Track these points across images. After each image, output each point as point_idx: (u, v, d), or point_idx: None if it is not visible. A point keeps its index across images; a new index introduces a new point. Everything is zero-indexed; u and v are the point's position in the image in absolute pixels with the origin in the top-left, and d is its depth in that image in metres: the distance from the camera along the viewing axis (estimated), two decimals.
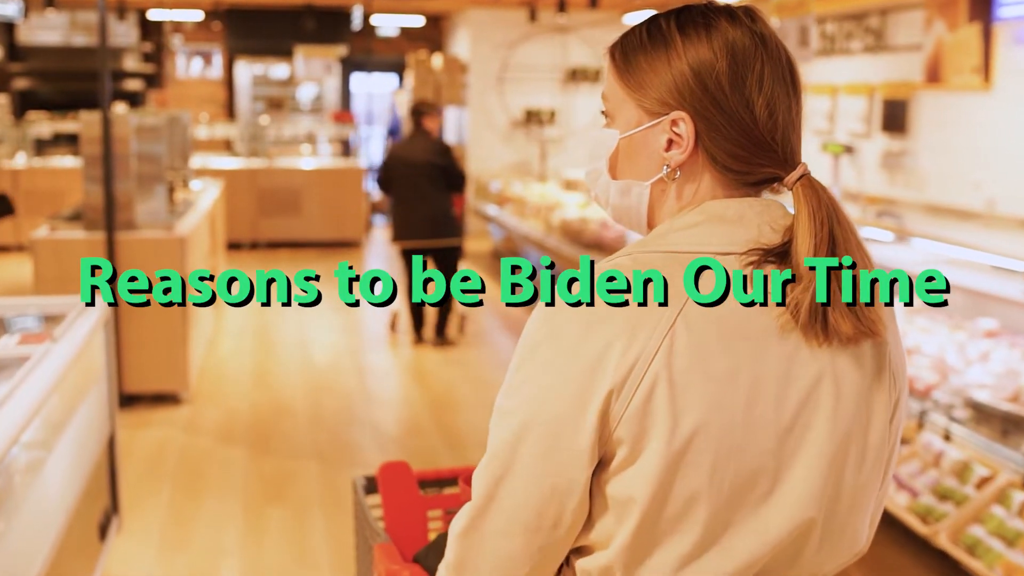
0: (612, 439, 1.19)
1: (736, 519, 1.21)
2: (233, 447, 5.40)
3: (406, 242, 7.48)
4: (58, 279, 5.79)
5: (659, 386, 1.17)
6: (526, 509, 1.23)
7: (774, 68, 1.27)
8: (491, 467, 1.25)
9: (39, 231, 5.98)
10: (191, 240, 6.15)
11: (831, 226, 1.23)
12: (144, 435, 5.53)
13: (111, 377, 3.68)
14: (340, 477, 4.99)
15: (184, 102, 14.58)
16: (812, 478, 1.23)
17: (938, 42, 7.83)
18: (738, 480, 1.20)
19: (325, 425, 5.77)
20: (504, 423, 1.25)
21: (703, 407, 1.18)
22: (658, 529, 1.20)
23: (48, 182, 11.52)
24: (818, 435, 1.23)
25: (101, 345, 3.58)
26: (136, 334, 5.86)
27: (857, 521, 1.29)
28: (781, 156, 1.28)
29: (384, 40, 15.52)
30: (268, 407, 6.07)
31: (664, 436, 1.17)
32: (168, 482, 4.91)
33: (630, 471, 1.19)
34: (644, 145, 1.31)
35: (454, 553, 1.30)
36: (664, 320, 1.18)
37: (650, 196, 1.32)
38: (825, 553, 1.27)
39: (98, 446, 3.47)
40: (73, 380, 3.08)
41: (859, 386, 1.26)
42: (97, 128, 5.73)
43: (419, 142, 7.51)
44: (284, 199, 11.92)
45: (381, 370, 6.96)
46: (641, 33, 1.32)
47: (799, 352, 1.22)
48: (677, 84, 1.27)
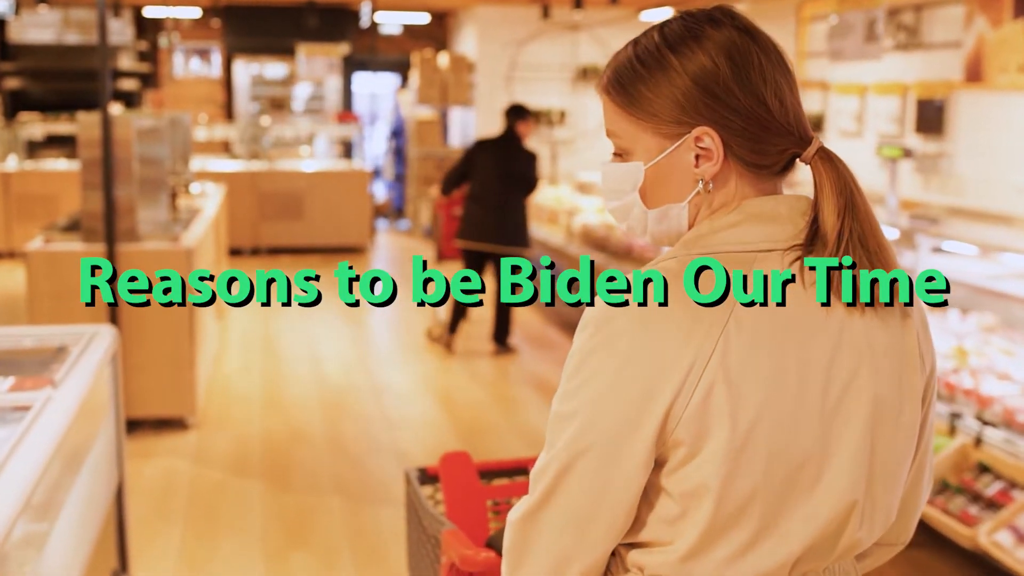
0: (671, 440, 1.23)
1: (788, 507, 1.25)
2: (247, 479, 4.94)
3: (472, 243, 7.15)
4: (54, 295, 5.33)
5: (716, 386, 1.20)
6: (581, 509, 1.26)
7: (768, 56, 1.29)
8: (551, 468, 1.28)
9: (33, 242, 5.51)
10: (198, 250, 5.69)
11: (851, 191, 1.28)
12: (150, 467, 5.06)
13: (119, 419, 3.22)
14: (366, 515, 4.54)
15: (181, 102, 14.13)
16: (854, 461, 1.27)
17: (979, 39, 7.46)
18: (790, 469, 1.24)
19: (345, 453, 5.31)
20: (562, 427, 1.27)
21: (758, 403, 1.21)
22: (719, 524, 1.23)
23: (41, 186, 11.04)
24: (858, 419, 1.27)
25: (108, 383, 3.13)
26: (138, 354, 5.40)
27: (891, 497, 1.33)
28: (797, 136, 1.31)
29: (387, 38, 15.15)
30: (282, 432, 5.61)
31: (724, 434, 1.20)
32: (179, 522, 4.45)
33: (691, 471, 1.23)
34: (672, 168, 1.32)
35: (510, 539, 1.34)
36: (717, 321, 1.21)
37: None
38: (864, 530, 1.31)
39: (105, 501, 3.01)
40: (78, 431, 2.62)
41: (894, 368, 1.31)
42: (96, 130, 5.27)
43: (509, 146, 7.21)
44: (285, 203, 11.46)
45: (400, 389, 6.49)
46: (632, 62, 1.32)
47: (841, 339, 1.26)
48: (687, 101, 1.28)
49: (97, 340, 3.05)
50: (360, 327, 8.14)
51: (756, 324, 1.22)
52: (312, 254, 11.41)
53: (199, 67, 14.93)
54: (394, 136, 14.11)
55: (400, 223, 13.72)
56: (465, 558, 1.79)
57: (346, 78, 14.90)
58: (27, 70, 12.85)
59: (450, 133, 13.94)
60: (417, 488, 2.11)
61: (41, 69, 12.79)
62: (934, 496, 4.08)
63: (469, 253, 7.22)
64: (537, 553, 1.31)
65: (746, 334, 1.22)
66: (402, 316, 8.66)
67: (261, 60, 14.57)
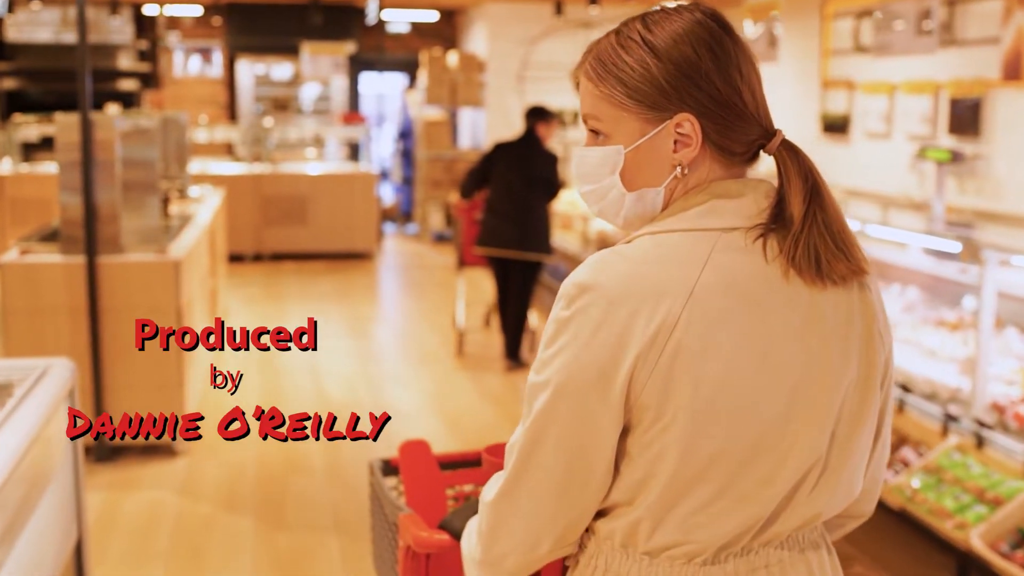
0: (639, 403, 1.29)
1: (750, 473, 1.31)
2: (238, 515, 4.51)
3: (492, 250, 6.77)
4: (29, 311, 4.91)
5: (681, 352, 1.27)
6: (557, 473, 1.32)
7: (741, 50, 1.36)
8: (526, 437, 1.34)
9: (8, 254, 5.09)
10: (187, 263, 5.26)
11: (815, 179, 1.36)
12: (132, 500, 4.63)
13: (77, 467, 2.79)
14: (368, 557, 4.11)
15: (182, 103, 13.72)
16: (815, 430, 1.34)
17: (1019, 34, 7.05)
18: (752, 436, 1.31)
19: (345, 484, 4.88)
20: (537, 395, 1.33)
21: (720, 370, 1.28)
22: (682, 485, 1.30)
23: (35, 189, 10.63)
24: (820, 390, 1.34)
25: (65, 426, 2.70)
26: (122, 374, 4.98)
27: (854, 472, 1.40)
28: (764, 127, 1.38)
29: (395, 37, 14.76)
30: (278, 459, 5.18)
31: (687, 399, 1.28)
32: (160, 564, 4.02)
33: (656, 433, 1.30)
34: (651, 152, 1.37)
35: (487, 520, 1.39)
36: (682, 293, 1.28)
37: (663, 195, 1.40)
38: (826, 501, 1.37)
39: (56, 564, 2.58)
40: (13, 490, 2.20)
41: (857, 346, 1.37)
42: (75, 132, 4.85)
43: (529, 149, 6.80)
44: (289, 207, 11.02)
45: (406, 408, 6.06)
46: (615, 47, 1.37)
47: (805, 314, 1.33)
48: (670, 87, 1.34)
49: (49, 377, 2.62)
50: (364, 339, 7.71)
51: (719, 297, 1.29)
52: (317, 260, 10.99)
53: (200, 67, 14.55)
54: (402, 137, 13.70)
55: (408, 227, 13.31)
56: (420, 540, 1.79)
57: (352, 78, 14.54)
58: (23, 70, 12.52)
59: (460, 134, 13.55)
60: (380, 478, 2.13)
61: (38, 69, 12.46)
62: (1012, 550, 3.62)
63: (494, 260, 6.88)
64: (514, 528, 1.36)
65: (709, 306, 1.28)
66: (408, 328, 8.23)
67: (264, 59, 14.20)
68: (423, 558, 1.83)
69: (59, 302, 4.94)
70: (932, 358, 4.60)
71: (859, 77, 8.91)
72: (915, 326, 5.05)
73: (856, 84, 8.98)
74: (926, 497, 3.87)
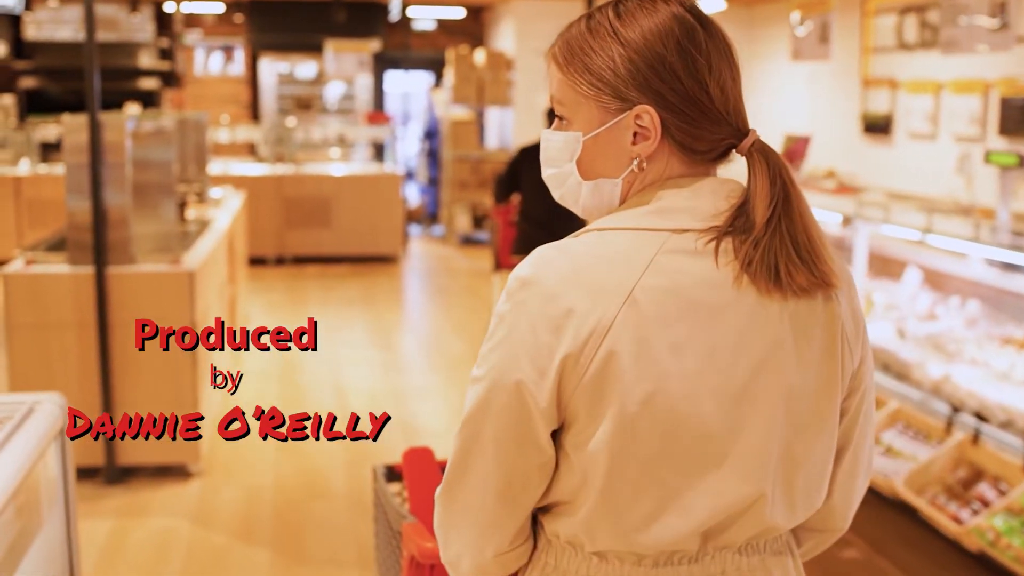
0: (571, 404, 1.27)
1: (692, 480, 1.27)
2: (255, 545, 4.21)
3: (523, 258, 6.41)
4: (35, 326, 4.62)
5: (614, 357, 1.23)
6: (496, 469, 1.30)
7: (716, 44, 1.32)
8: (464, 432, 1.32)
9: (14, 264, 4.80)
10: (202, 273, 4.95)
11: (784, 183, 1.30)
12: (141, 528, 4.33)
13: (70, 513, 2.48)
14: None
15: (203, 102, 13.49)
16: (763, 443, 1.29)
17: None
18: (691, 443, 1.27)
19: (368, 512, 4.56)
20: (474, 389, 1.31)
21: (656, 374, 1.24)
22: (619, 493, 1.27)
23: (53, 191, 10.34)
24: (769, 403, 1.29)
25: (55, 467, 2.40)
26: (132, 389, 4.69)
27: (812, 483, 1.36)
28: (735, 126, 1.33)
29: (420, 34, 14.49)
30: (298, 483, 4.87)
31: (619, 404, 1.24)
32: None
33: (589, 436, 1.27)
34: (610, 142, 1.34)
35: (438, 514, 1.37)
36: (620, 293, 1.24)
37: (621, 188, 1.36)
38: (779, 514, 1.33)
39: None
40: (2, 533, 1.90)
41: (814, 357, 1.32)
42: (83, 133, 4.56)
43: None
44: (313, 209, 10.72)
45: (434, 426, 5.74)
46: (584, 33, 1.35)
47: (754, 322, 1.28)
48: (632, 78, 1.30)
49: (37, 414, 2.32)
50: (390, 351, 7.39)
51: (660, 299, 1.25)
52: (340, 263, 10.69)
53: (222, 65, 14.30)
54: (428, 137, 13.40)
55: (434, 229, 13.00)
56: (424, 551, 1.76)
57: (377, 76, 14.26)
58: (43, 69, 12.30)
59: (487, 134, 13.24)
60: (383, 485, 2.10)
61: (58, 68, 12.24)
62: None
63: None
64: (461, 528, 1.34)
65: (650, 308, 1.24)
66: (436, 338, 7.93)
67: (287, 57, 13.95)
68: (427, 568, 1.81)
69: (66, 316, 4.65)
70: (1005, 381, 4.25)
71: (902, 75, 8.57)
72: (980, 343, 4.69)
73: (899, 83, 8.64)
74: (1011, 542, 3.51)
